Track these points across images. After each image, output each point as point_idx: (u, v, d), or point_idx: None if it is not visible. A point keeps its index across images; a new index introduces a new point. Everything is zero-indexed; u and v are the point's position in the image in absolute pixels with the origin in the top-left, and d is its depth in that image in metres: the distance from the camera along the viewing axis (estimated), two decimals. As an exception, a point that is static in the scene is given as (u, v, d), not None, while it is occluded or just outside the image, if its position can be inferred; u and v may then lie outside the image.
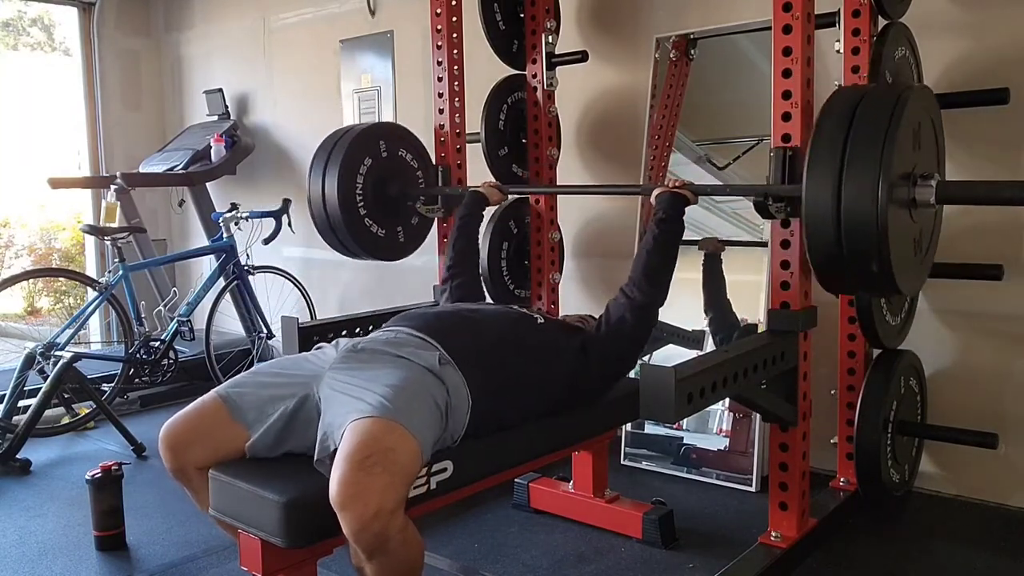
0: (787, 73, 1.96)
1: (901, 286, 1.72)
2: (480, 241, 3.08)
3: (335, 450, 1.52)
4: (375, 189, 2.69)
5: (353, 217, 2.65)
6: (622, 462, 2.96)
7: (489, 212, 3.13)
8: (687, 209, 2.12)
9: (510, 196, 2.84)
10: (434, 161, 2.88)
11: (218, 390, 1.73)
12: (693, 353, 2.64)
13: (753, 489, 2.71)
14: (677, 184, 2.14)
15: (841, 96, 1.80)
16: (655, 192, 2.15)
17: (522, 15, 3.07)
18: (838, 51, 2.45)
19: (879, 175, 1.61)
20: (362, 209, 2.67)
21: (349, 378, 1.66)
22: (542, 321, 2.05)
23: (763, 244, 2.81)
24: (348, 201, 2.62)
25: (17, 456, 3.12)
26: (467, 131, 2.95)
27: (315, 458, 1.60)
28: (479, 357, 1.78)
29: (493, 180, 2.66)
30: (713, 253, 2.86)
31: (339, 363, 1.72)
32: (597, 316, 2.29)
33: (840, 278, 1.79)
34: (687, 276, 3.03)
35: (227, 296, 4.04)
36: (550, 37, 3.03)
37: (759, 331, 2.70)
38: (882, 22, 2.35)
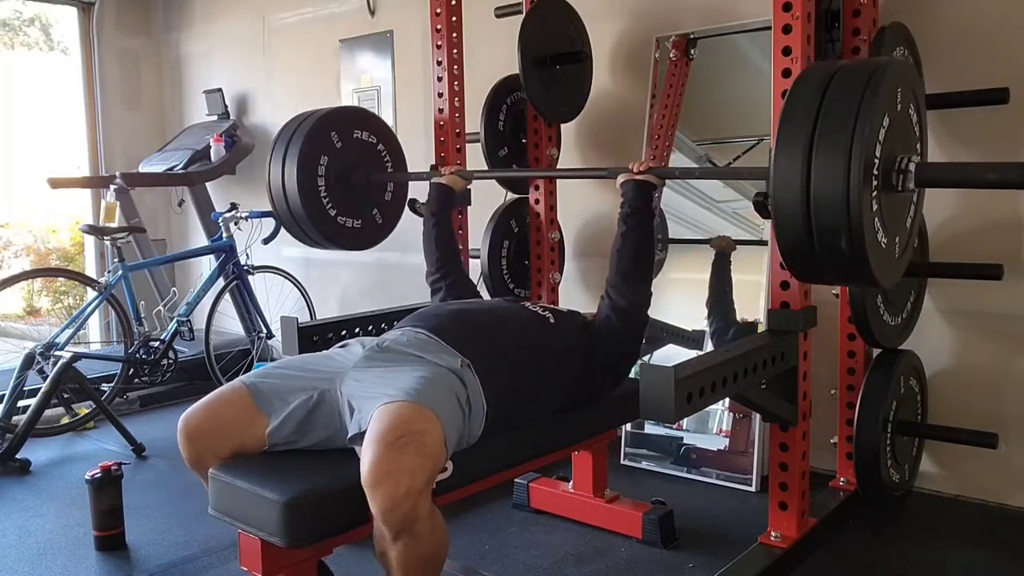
0: (787, 73, 1.96)
1: (875, 272, 1.56)
2: (480, 240, 3.09)
3: (366, 430, 1.54)
4: (339, 179, 2.57)
5: (319, 214, 2.55)
6: (622, 462, 2.96)
7: (489, 212, 3.14)
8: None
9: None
10: (434, 161, 2.88)
11: (242, 379, 1.75)
12: (693, 353, 2.64)
13: (753, 489, 2.71)
14: (641, 168, 2.06)
15: (813, 70, 1.66)
16: (619, 180, 2.10)
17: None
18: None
19: (850, 152, 1.48)
20: (327, 202, 2.56)
21: (376, 373, 1.70)
22: (553, 320, 2.05)
23: (763, 243, 2.81)
24: (311, 196, 2.51)
25: (17, 456, 3.12)
26: (467, 131, 2.95)
27: (348, 436, 1.63)
28: (496, 362, 1.80)
29: (454, 167, 2.58)
30: (724, 251, 2.86)
31: (364, 361, 1.75)
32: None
33: (810, 260, 1.62)
34: (687, 276, 3.04)
35: (227, 296, 4.04)
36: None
37: (759, 330, 2.71)
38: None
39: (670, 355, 2.92)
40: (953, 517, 2.52)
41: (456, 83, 2.88)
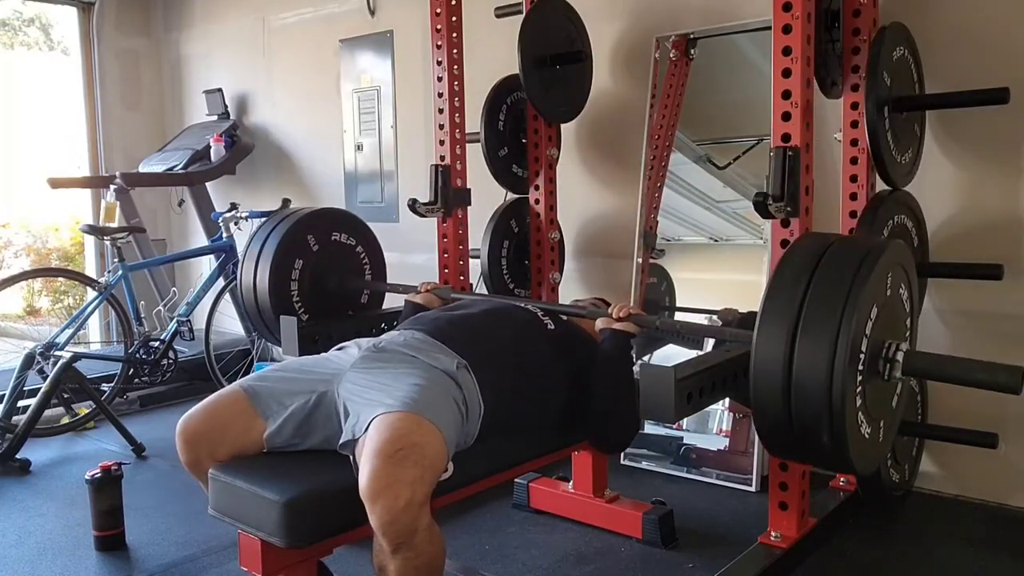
0: (787, 73, 1.95)
1: (857, 464, 1.52)
2: (480, 240, 3.10)
3: (360, 438, 1.54)
4: (313, 284, 2.55)
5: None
6: (622, 462, 2.96)
7: (489, 212, 3.14)
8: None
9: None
10: (434, 160, 2.88)
11: (240, 382, 1.76)
12: (693, 353, 2.64)
13: (753, 489, 2.70)
14: (621, 315, 2.03)
15: (802, 247, 1.61)
16: (598, 324, 2.06)
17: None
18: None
19: (835, 344, 1.43)
20: (299, 307, 2.53)
21: (372, 375, 1.69)
22: (552, 326, 2.04)
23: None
24: (282, 300, 2.48)
25: (17, 456, 3.12)
26: (467, 131, 2.95)
27: (340, 442, 1.63)
28: (495, 363, 1.81)
29: (432, 283, 2.48)
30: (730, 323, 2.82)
31: (361, 362, 1.75)
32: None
33: (788, 444, 1.58)
34: (688, 276, 3.04)
35: (227, 296, 4.04)
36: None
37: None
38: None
39: (670, 355, 2.91)
40: (953, 517, 2.52)
41: (456, 83, 2.88)
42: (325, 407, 1.70)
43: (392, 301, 2.75)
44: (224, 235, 4.03)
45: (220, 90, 4.80)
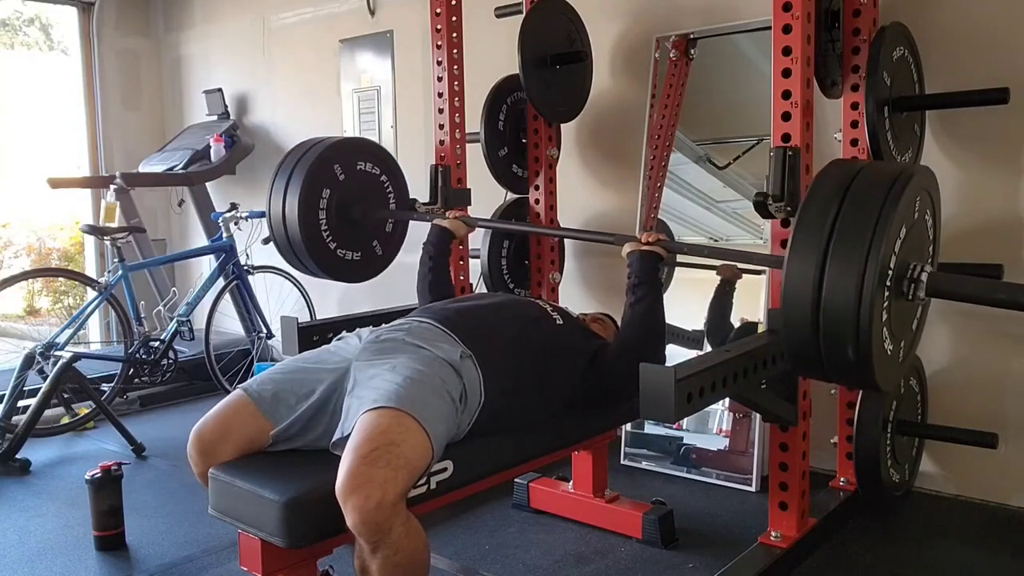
0: (787, 73, 1.96)
1: (879, 380, 1.57)
2: (480, 240, 3.09)
3: (347, 436, 1.54)
4: (339, 213, 2.56)
5: (319, 247, 2.54)
6: (622, 462, 2.96)
7: (489, 212, 3.14)
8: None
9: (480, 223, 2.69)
10: (434, 160, 2.88)
11: (243, 386, 1.75)
12: (693, 353, 2.64)
13: (753, 489, 2.70)
14: (649, 239, 2.05)
15: (834, 171, 1.64)
16: (625, 248, 2.08)
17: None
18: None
19: (865, 267, 1.47)
20: (327, 235, 2.55)
21: (373, 369, 1.69)
22: (561, 322, 2.04)
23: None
24: (311, 229, 2.50)
25: (17, 456, 3.12)
26: (467, 131, 2.95)
27: (331, 441, 1.63)
28: (497, 355, 1.80)
29: (459, 212, 2.54)
30: (729, 279, 2.85)
31: (362, 355, 1.76)
32: (610, 315, 2.27)
33: (814, 363, 1.62)
34: (689, 276, 3.04)
35: (227, 296, 4.04)
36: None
37: (759, 330, 2.71)
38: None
39: (670, 355, 2.91)
40: (953, 517, 2.52)
41: (456, 83, 2.88)
42: (332, 404, 1.71)
43: (414, 235, 2.74)
44: (224, 235, 4.03)
45: (220, 90, 4.80)
